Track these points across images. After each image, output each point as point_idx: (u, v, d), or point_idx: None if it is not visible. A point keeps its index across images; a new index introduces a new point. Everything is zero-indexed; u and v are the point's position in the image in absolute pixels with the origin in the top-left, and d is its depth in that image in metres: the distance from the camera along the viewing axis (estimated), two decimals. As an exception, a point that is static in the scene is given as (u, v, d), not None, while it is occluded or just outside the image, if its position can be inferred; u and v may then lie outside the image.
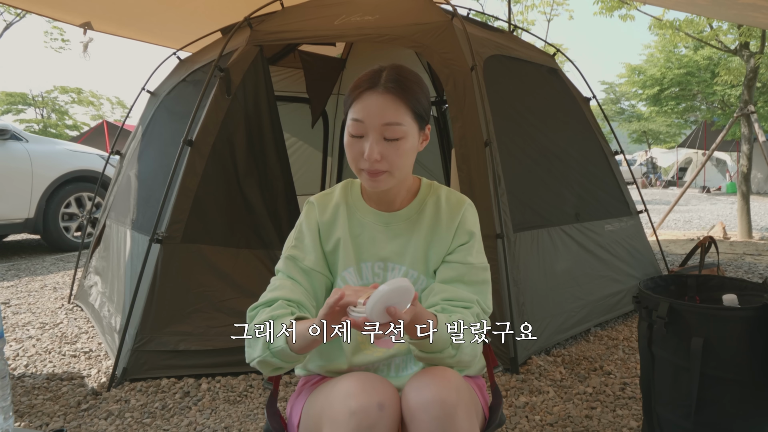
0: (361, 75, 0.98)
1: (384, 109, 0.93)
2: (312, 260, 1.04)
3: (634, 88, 17.73)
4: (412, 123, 0.96)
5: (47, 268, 4.48)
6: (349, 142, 0.97)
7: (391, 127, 0.93)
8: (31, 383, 2.10)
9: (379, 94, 0.93)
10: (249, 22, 2.56)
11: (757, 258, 4.63)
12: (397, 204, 1.06)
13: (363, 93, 0.95)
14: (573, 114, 3.09)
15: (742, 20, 4.79)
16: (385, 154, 0.94)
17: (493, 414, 1.02)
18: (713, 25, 6.45)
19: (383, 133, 0.94)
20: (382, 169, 0.94)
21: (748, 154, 5.92)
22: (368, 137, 0.94)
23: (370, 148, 0.93)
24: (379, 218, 1.06)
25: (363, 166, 0.96)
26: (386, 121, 0.93)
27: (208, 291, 2.22)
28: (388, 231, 1.05)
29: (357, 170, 0.98)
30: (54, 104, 19.82)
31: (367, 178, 0.97)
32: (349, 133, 0.96)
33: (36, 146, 4.85)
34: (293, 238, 1.08)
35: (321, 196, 1.11)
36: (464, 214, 1.05)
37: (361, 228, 1.06)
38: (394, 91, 0.94)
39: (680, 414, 1.44)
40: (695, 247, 2.87)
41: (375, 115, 0.93)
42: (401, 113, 0.94)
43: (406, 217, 1.05)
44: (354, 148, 0.96)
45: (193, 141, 2.29)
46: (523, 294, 2.24)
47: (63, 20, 3.93)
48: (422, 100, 0.98)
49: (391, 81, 0.94)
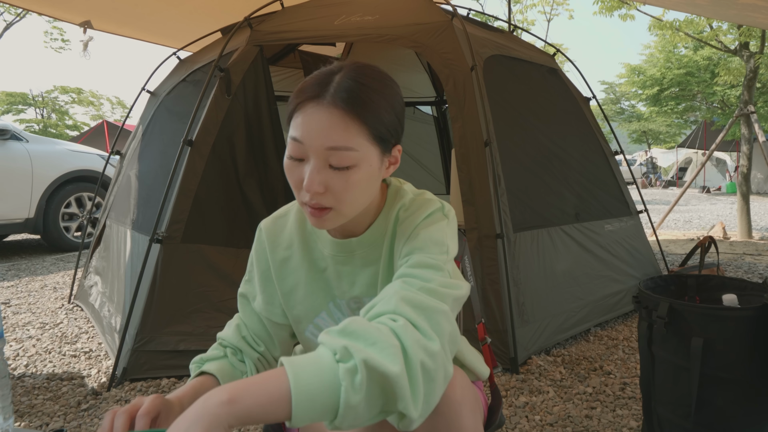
0: (309, 76, 0.77)
1: (329, 129, 0.71)
2: (260, 303, 0.91)
3: (633, 88, 17.74)
4: (370, 147, 0.74)
5: (47, 268, 4.48)
6: (287, 165, 0.75)
7: (338, 152, 0.72)
8: (31, 383, 2.10)
9: (324, 108, 0.71)
10: (249, 22, 2.56)
11: (757, 258, 4.63)
12: (362, 227, 0.86)
13: (304, 104, 0.73)
14: (573, 114, 3.09)
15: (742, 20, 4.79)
16: (330, 186, 0.73)
17: (493, 415, 1.01)
18: (713, 25, 6.45)
19: (328, 159, 0.72)
20: (326, 204, 0.74)
21: (748, 154, 5.92)
22: (309, 161, 0.73)
23: (310, 178, 0.72)
24: (343, 248, 0.86)
25: (303, 199, 0.75)
26: (331, 144, 0.71)
27: (208, 291, 2.22)
28: (355, 261, 0.86)
29: (300, 204, 0.77)
30: (54, 104, 19.84)
31: (310, 214, 0.76)
32: (287, 154, 0.75)
33: (36, 146, 4.85)
34: (247, 269, 0.94)
35: (271, 223, 0.92)
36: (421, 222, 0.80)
37: (325, 262, 0.88)
38: (345, 106, 0.71)
39: (680, 414, 1.44)
40: (695, 247, 2.87)
41: (317, 136, 0.71)
42: (352, 134, 0.71)
43: (370, 242, 0.85)
44: (293, 174, 0.75)
45: (193, 141, 2.29)
46: (523, 294, 2.24)
47: (63, 19, 3.94)
48: (385, 116, 0.74)
49: (344, 90, 0.72)
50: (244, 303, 0.94)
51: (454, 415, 0.75)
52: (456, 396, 0.76)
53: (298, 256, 0.89)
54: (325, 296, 0.89)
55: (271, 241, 0.91)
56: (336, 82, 0.73)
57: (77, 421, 1.80)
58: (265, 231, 0.92)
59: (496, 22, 8.24)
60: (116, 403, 1.91)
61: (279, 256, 0.90)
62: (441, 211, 0.83)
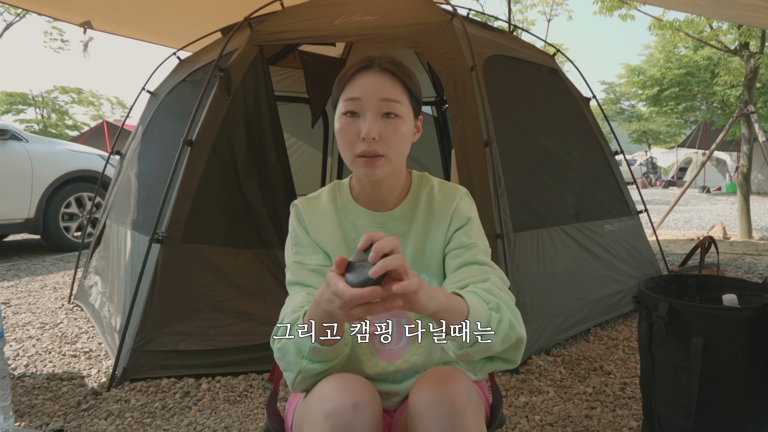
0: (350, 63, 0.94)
1: (382, 85, 0.90)
2: (318, 259, 0.98)
3: (634, 88, 17.74)
4: (409, 106, 0.93)
5: (47, 268, 4.48)
6: (343, 123, 0.91)
7: (390, 103, 0.89)
8: (31, 383, 2.10)
9: (376, 73, 0.91)
10: (249, 22, 2.56)
11: (757, 258, 4.63)
12: (392, 202, 1.00)
13: (358, 73, 0.91)
14: (573, 114, 3.09)
15: (742, 20, 4.79)
16: (383, 134, 0.89)
17: (494, 414, 1.01)
18: (713, 25, 6.45)
19: (381, 109, 0.89)
20: (379, 151, 0.89)
21: (748, 154, 5.92)
22: (365, 115, 0.89)
23: (369, 126, 0.87)
24: (374, 219, 0.99)
25: (359, 150, 0.89)
26: (385, 96, 0.89)
27: (208, 291, 2.22)
28: (384, 231, 0.97)
29: (352, 158, 0.91)
30: (54, 104, 19.83)
31: (363, 164, 0.90)
32: (342, 113, 0.91)
33: (36, 146, 4.85)
34: (291, 244, 1.01)
35: (306, 200, 1.04)
36: (459, 203, 0.99)
37: (356, 232, 0.99)
38: (393, 68, 0.91)
39: (680, 414, 1.44)
40: (695, 247, 2.87)
41: (373, 91, 0.89)
42: (399, 92, 0.91)
43: (401, 216, 0.99)
44: (348, 130, 0.90)
45: (193, 141, 2.29)
46: (523, 294, 2.24)
47: (63, 19, 3.93)
48: (417, 84, 0.95)
49: (387, 61, 0.92)
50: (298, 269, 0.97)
51: (459, 417, 0.77)
52: (461, 398, 0.79)
53: (331, 227, 1.00)
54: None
55: (308, 214, 1.02)
56: (378, 58, 0.92)
57: (77, 421, 1.80)
58: (302, 206, 1.03)
59: (496, 22, 8.24)
60: (116, 404, 1.91)
61: (315, 225, 1.01)
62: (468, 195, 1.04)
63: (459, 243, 0.96)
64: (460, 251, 0.95)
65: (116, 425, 1.77)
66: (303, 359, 0.82)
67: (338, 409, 0.77)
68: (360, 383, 0.82)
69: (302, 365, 0.82)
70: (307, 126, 4.29)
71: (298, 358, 0.82)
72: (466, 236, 0.96)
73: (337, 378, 0.83)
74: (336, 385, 0.81)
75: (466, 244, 0.95)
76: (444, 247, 0.98)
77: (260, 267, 2.33)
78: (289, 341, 0.83)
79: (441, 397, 0.79)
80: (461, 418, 0.77)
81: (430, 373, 0.85)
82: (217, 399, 1.95)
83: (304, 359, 0.82)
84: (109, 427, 1.76)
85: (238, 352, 2.12)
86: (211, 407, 1.88)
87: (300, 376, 0.83)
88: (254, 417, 1.81)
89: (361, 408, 0.78)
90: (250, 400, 1.95)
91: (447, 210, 0.98)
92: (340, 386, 0.81)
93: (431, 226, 0.99)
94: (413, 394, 0.82)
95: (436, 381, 0.81)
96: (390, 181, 0.98)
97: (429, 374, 0.85)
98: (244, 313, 2.19)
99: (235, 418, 1.81)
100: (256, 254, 2.36)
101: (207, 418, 1.81)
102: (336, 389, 0.80)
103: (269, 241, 2.38)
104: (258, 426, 1.75)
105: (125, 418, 1.81)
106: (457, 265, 0.94)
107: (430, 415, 0.78)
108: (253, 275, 2.30)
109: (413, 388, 0.84)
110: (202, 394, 1.97)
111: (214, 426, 1.75)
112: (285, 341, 0.84)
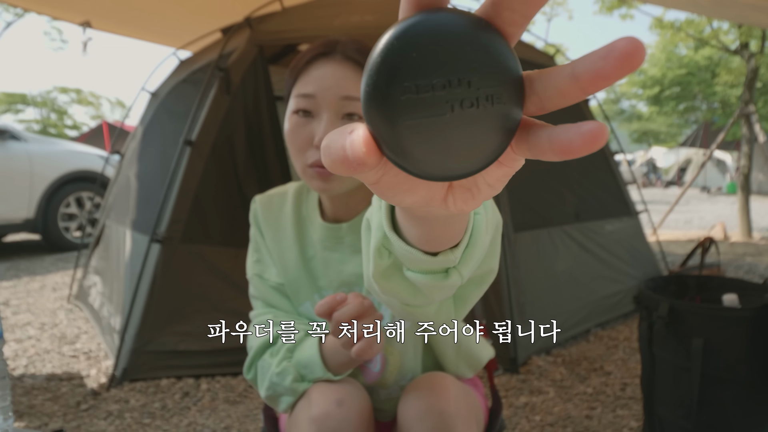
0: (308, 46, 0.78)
1: (343, 80, 0.73)
2: (276, 274, 0.87)
3: (634, 88, 17.75)
4: None
5: (47, 268, 4.47)
6: (293, 125, 0.75)
7: (353, 102, 0.73)
8: (31, 383, 2.10)
9: (337, 62, 0.74)
10: (249, 22, 2.56)
11: (757, 258, 4.63)
12: (353, 213, 0.84)
13: (314, 62, 0.74)
14: (573, 114, 3.09)
15: (742, 20, 4.79)
16: None
17: (494, 420, 1.00)
18: (713, 25, 6.45)
19: (342, 110, 0.73)
20: None
21: (749, 154, 5.92)
22: (320, 116, 0.73)
23: (324, 131, 0.71)
24: (330, 233, 0.85)
25: (310, 159, 0.74)
26: (346, 93, 0.73)
27: (208, 291, 2.22)
28: (343, 248, 0.84)
29: (302, 167, 0.76)
30: (53, 104, 19.84)
31: (315, 176, 0.75)
32: (293, 111, 0.75)
33: (36, 146, 4.85)
34: (252, 250, 0.89)
35: (267, 199, 0.90)
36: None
37: (313, 249, 0.86)
38: (358, 57, 0.74)
39: (681, 414, 1.44)
40: (695, 248, 2.87)
41: (331, 86, 0.73)
42: None
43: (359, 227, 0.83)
44: (300, 135, 0.74)
45: (193, 141, 2.29)
46: (523, 294, 2.24)
47: (62, 18, 3.93)
48: None
49: (352, 46, 0.75)
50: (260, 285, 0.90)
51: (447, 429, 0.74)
52: (450, 409, 0.75)
53: (290, 239, 0.87)
54: (310, 288, 0.87)
55: (265, 215, 0.89)
56: (342, 43, 0.76)
57: (77, 421, 1.80)
58: (260, 204, 0.90)
59: (496, 22, 8.23)
60: (116, 404, 1.91)
61: (271, 232, 0.88)
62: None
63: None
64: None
65: (116, 425, 1.77)
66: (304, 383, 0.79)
67: (322, 411, 0.74)
68: (345, 381, 0.79)
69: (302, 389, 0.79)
70: (307, 126, 4.29)
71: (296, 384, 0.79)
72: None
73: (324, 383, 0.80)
74: (321, 388, 0.78)
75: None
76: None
77: (260, 267, 2.33)
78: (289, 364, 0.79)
79: (429, 408, 0.75)
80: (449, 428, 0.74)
81: (419, 382, 0.81)
82: (217, 399, 1.94)
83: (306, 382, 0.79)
84: (108, 427, 1.76)
85: (238, 352, 2.11)
86: (210, 407, 1.88)
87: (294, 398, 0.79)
88: (254, 417, 1.81)
89: (346, 403, 0.75)
90: (249, 400, 1.95)
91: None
92: (324, 388, 0.78)
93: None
94: (401, 405, 0.80)
95: (424, 391, 0.78)
96: (360, 194, 0.82)
97: (417, 383, 0.81)
98: (244, 313, 2.18)
99: (234, 418, 1.80)
100: (256, 254, 2.35)
101: (207, 419, 1.81)
102: (320, 392, 0.77)
103: (269, 241, 2.37)
104: (257, 426, 1.74)
105: (125, 419, 1.81)
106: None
107: (417, 427, 0.75)
108: (252, 275, 2.30)
109: (401, 398, 0.81)
110: (202, 395, 1.97)
111: (213, 426, 1.75)
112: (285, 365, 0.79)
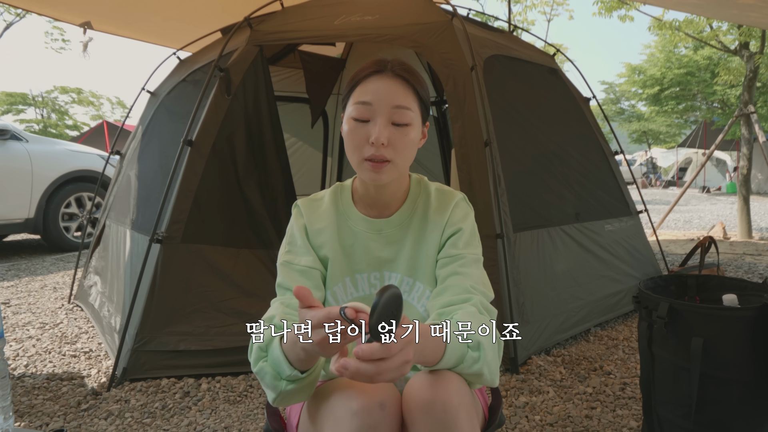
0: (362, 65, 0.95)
1: (395, 92, 0.91)
2: (308, 261, 0.99)
3: (634, 88, 17.75)
4: (418, 112, 0.94)
5: (47, 268, 4.48)
6: (352, 128, 0.92)
7: (401, 110, 0.90)
8: (31, 383, 2.10)
9: (388, 78, 0.91)
10: (249, 22, 2.56)
11: (757, 258, 4.63)
12: (393, 207, 1.02)
13: (370, 76, 0.92)
14: (573, 114, 3.09)
15: (742, 20, 4.79)
16: (392, 140, 0.90)
17: (493, 414, 1.01)
18: (713, 25, 6.45)
19: (392, 117, 0.90)
20: (387, 156, 0.90)
21: (748, 154, 5.92)
22: (375, 121, 0.90)
23: (379, 131, 0.88)
24: (371, 226, 1.01)
25: (367, 154, 0.90)
26: (396, 103, 0.90)
27: (208, 291, 2.22)
28: (380, 238, 1.00)
29: (359, 161, 0.92)
30: (54, 104, 19.85)
31: (370, 168, 0.91)
32: (351, 117, 0.91)
33: (36, 146, 4.85)
34: (285, 243, 1.03)
35: (309, 202, 1.06)
36: (453, 211, 1.01)
37: (353, 237, 1.01)
38: (406, 74, 0.92)
39: (680, 414, 1.44)
40: (695, 247, 2.87)
41: (384, 97, 0.90)
42: (410, 99, 0.92)
43: (398, 223, 1.01)
44: (357, 134, 0.91)
45: (193, 141, 2.29)
46: (523, 294, 2.24)
47: (63, 20, 3.93)
48: (427, 90, 0.96)
49: (400, 66, 0.93)
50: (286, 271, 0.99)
51: (450, 420, 0.77)
52: (453, 401, 0.78)
53: (330, 231, 1.02)
54: (344, 271, 1.01)
55: (309, 215, 1.03)
56: (391, 62, 0.93)
57: (77, 421, 1.80)
58: (303, 207, 1.05)
59: (496, 22, 8.24)
60: (116, 404, 1.91)
61: (315, 228, 1.02)
62: (465, 201, 1.05)
63: (446, 253, 0.98)
64: (446, 260, 0.97)
65: (116, 425, 1.77)
66: (281, 380, 0.81)
67: (366, 408, 0.78)
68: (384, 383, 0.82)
69: (282, 387, 0.81)
70: (307, 126, 4.29)
71: (276, 381, 0.82)
72: (453, 247, 0.98)
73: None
74: (361, 384, 0.81)
75: (452, 254, 0.97)
76: (436, 255, 1.00)
77: (260, 267, 2.33)
78: (266, 364, 0.82)
79: (432, 400, 0.78)
80: (454, 420, 0.77)
81: (422, 375, 0.84)
82: (217, 399, 1.95)
83: (283, 380, 0.81)
84: (109, 427, 1.76)
85: (238, 352, 2.12)
86: (211, 407, 1.88)
87: (280, 397, 0.83)
88: (254, 417, 1.81)
89: (388, 407, 0.79)
90: (250, 400, 1.95)
91: (441, 218, 1.00)
92: (365, 385, 0.81)
93: (426, 233, 1.00)
94: (405, 398, 0.82)
95: (428, 384, 0.80)
96: (394, 185, 1.00)
97: (421, 376, 0.83)
98: (244, 313, 2.19)
99: (235, 418, 1.81)
100: (256, 254, 2.36)
101: (207, 418, 1.81)
102: (362, 388, 0.81)
103: (269, 241, 2.38)
104: (258, 426, 1.75)
105: (125, 418, 1.81)
106: (444, 276, 0.96)
107: (422, 418, 0.78)
108: (253, 275, 2.30)
109: (406, 389, 0.83)
110: (202, 394, 1.97)
111: (214, 426, 1.75)
112: (261, 364, 0.83)
